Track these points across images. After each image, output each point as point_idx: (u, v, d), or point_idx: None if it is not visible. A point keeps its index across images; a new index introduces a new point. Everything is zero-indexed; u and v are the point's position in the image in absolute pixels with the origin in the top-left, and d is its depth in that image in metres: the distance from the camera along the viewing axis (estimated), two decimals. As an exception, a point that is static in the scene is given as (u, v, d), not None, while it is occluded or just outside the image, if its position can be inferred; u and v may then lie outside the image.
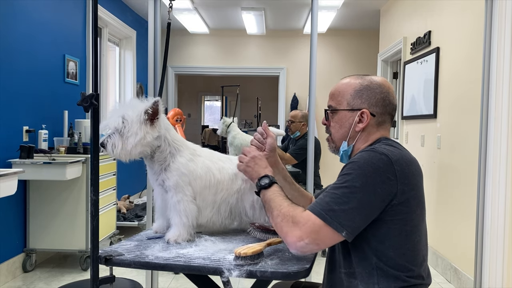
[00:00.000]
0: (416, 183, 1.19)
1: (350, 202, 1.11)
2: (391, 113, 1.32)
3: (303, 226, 1.12)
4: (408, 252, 1.17)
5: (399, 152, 1.18)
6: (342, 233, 1.10)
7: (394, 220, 1.14)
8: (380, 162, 1.13)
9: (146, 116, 1.37)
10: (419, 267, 1.19)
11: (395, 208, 1.14)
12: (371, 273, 1.16)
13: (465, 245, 2.98)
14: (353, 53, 6.66)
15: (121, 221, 4.18)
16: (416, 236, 1.19)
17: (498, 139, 2.28)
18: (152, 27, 2.44)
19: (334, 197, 1.12)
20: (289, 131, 4.16)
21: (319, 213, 1.12)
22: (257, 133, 1.58)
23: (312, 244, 1.12)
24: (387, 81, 1.34)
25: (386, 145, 1.21)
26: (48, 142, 3.41)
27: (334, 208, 1.11)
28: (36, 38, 3.42)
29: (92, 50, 1.23)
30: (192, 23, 5.98)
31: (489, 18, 2.30)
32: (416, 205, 1.18)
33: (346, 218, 1.10)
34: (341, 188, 1.13)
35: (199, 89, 10.56)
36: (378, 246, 1.16)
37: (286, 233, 1.14)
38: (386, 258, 1.15)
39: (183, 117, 3.02)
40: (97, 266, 1.22)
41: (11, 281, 3.07)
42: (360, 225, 1.12)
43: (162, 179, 1.45)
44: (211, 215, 1.48)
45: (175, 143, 1.46)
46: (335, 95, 1.34)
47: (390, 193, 1.12)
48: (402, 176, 1.14)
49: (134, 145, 1.36)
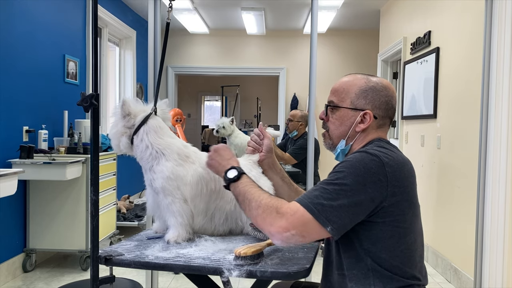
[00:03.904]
0: (408, 185, 1.17)
1: (339, 199, 1.10)
2: (391, 117, 1.31)
3: (290, 217, 1.11)
4: (402, 253, 1.16)
5: (391, 154, 1.17)
6: (327, 228, 1.09)
7: (385, 222, 1.14)
8: (372, 164, 1.13)
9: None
10: (414, 268, 1.19)
11: (385, 210, 1.13)
12: (366, 274, 1.16)
13: (465, 245, 2.98)
14: (353, 53, 6.66)
15: (121, 221, 4.18)
16: (410, 237, 1.18)
17: (498, 139, 2.28)
18: (152, 27, 2.44)
19: (324, 192, 1.12)
20: (287, 130, 4.17)
21: (307, 205, 1.11)
22: (254, 134, 1.58)
23: (298, 235, 1.11)
24: (391, 84, 1.34)
25: (378, 146, 1.21)
26: (48, 142, 3.41)
27: (323, 203, 1.10)
28: (36, 38, 3.42)
29: (92, 50, 1.23)
30: (192, 23, 5.98)
31: (489, 18, 2.30)
32: (408, 207, 1.17)
33: (333, 214, 1.09)
34: (332, 184, 1.12)
35: (199, 89, 10.56)
36: (371, 248, 1.15)
37: (271, 224, 1.12)
38: (380, 260, 1.15)
39: (183, 117, 3.03)
40: (97, 266, 1.22)
41: (11, 281, 3.07)
42: (347, 223, 1.11)
43: (150, 179, 1.45)
44: (203, 222, 1.47)
45: (158, 146, 1.45)
46: (338, 91, 1.31)
47: (380, 195, 1.12)
48: (393, 179, 1.13)
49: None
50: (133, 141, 1.47)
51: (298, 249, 1.36)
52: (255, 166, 1.54)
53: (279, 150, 3.91)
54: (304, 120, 4.07)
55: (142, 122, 1.46)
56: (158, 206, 1.47)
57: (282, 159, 3.86)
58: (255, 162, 1.54)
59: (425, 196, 3.77)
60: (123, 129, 1.47)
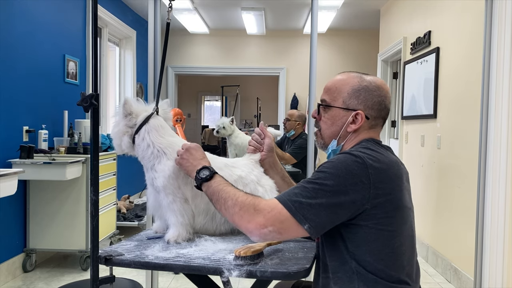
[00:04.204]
0: (394, 187, 1.14)
1: (318, 197, 1.09)
2: (384, 117, 1.29)
3: (268, 214, 1.10)
4: (387, 257, 1.14)
5: (376, 156, 1.15)
6: (304, 226, 1.09)
7: (368, 225, 1.12)
8: (354, 165, 1.11)
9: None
10: (401, 272, 1.16)
11: (368, 212, 1.11)
12: (351, 277, 1.15)
13: (465, 245, 2.98)
14: (353, 53, 6.67)
15: (121, 221, 4.18)
16: (396, 241, 1.14)
17: (498, 139, 2.28)
18: (152, 27, 2.44)
19: (303, 190, 1.11)
20: (284, 129, 4.17)
21: (285, 202, 1.11)
22: (255, 133, 1.58)
23: (275, 232, 1.11)
24: (385, 84, 1.31)
25: (364, 148, 1.19)
26: (48, 142, 3.41)
27: (301, 200, 1.09)
28: (36, 38, 3.42)
29: (92, 50, 1.23)
30: (192, 23, 5.98)
31: (489, 18, 2.30)
32: (394, 209, 1.14)
33: (311, 212, 1.08)
34: (312, 183, 1.11)
35: (199, 89, 10.56)
36: (356, 250, 1.14)
37: (248, 221, 1.12)
38: (365, 263, 1.13)
39: (183, 117, 3.03)
40: (97, 266, 1.22)
41: (11, 281, 3.07)
42: (325, 223, 1.10)
43: (151, 178, 1.46)
44: (204, 222, 1.47)
45: (159, 145, 1.45)
46: (331, 90, 1.29)
47: (362, 197, 1.10)
48: (376, 180, 1.11)
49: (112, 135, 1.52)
50: (134, 141, 1.48)
51: (298, 249, 1.36)
52: (257, 166, 1.54)
53: (280, 150, 3.91)
54: (302, 120, 4.07)
55: (144, 121, 1.47)
56: (159, 205, 1.47)
57: (283, 159, 3.86)
58: (257, 162, 1.55)
59: (425, 196, 3.77)
60: (125, 128, 1.47)
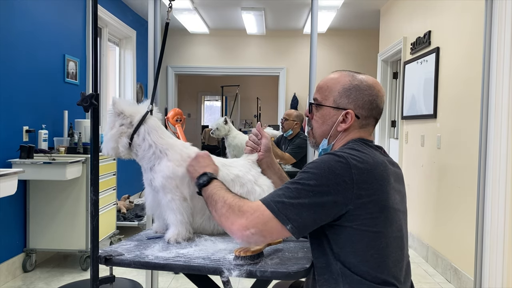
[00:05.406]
0: (379, 187, 1.13)
1: (300, 198, 1.09)
2: (376, 116, 1.28)
3: (250, 216, 1.10)
4: (372, 258, 1.13)
5: (361, 156, 1.14)
6: (287, 226, 1.08)
7: (353, 226, 1.11)
8: (337, 165, 1.10)
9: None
10: (387, 273, 1.14)
11: (352, 213, 1.10)
12: (336, 279, 1.14)
13: (465, 245, 2.98)
14: (353, 53, 6.67)
15: (121, 221, 4.18)
16: (380, 242, 1.13)
17: (498, 139, 2.28)
18: (152, 27, 2.44)
19: (286, 191, 1.11)
20: (282, 129, 4.16)
21: (268, 203, 1.10)
22: (252, 134, 1.58)
23: (258, 235, 1.10)
24: (378, 83, 1.29)
25: (350, 148, 1.18)
26: (48, 142, 3.41)
27: (284, 201, 1.09)
28: (36, 38, 3.42)
29: (92, 50, 1.23)
30: (192, 23, 5.98)
31: (489, 18, 2.30)
32: (379, 211, 1.12)
33: (293, 212, 1.08)
34: (295, 184, 1.11)
35: (199, 89, 10.57)
36: (340, 252, 1.13)
37: (232, 223, 1.12)
38: (350, 265, 1.13)
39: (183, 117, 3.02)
40: (97, 266, 1.22)
41: (11, 281, 3.07)
42: (308, 223, 1.10)
43: (150, 178, 1.46)
44: (201, 221, 1.47)
45: (161, 145, 1.45)
46: (322, 89, 1.29)
47: (344, 198, 1.09)
48: (360, 181, 1.10)
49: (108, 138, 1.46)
50: (132, 141, 1.47)
51: (298, 249, 1.36)
52: (254, 166, 1.55)
53: (279, 150, 3.90)
54: (299, 120, 4.06)
55: (141, 120, 1.46)
56: (158, 204, 1.47)
57: (283, 159, 3.86)
58: (254, 162, 1.55)
59: (425, 196, 3.77)
60: (122, 128, 1.46)
